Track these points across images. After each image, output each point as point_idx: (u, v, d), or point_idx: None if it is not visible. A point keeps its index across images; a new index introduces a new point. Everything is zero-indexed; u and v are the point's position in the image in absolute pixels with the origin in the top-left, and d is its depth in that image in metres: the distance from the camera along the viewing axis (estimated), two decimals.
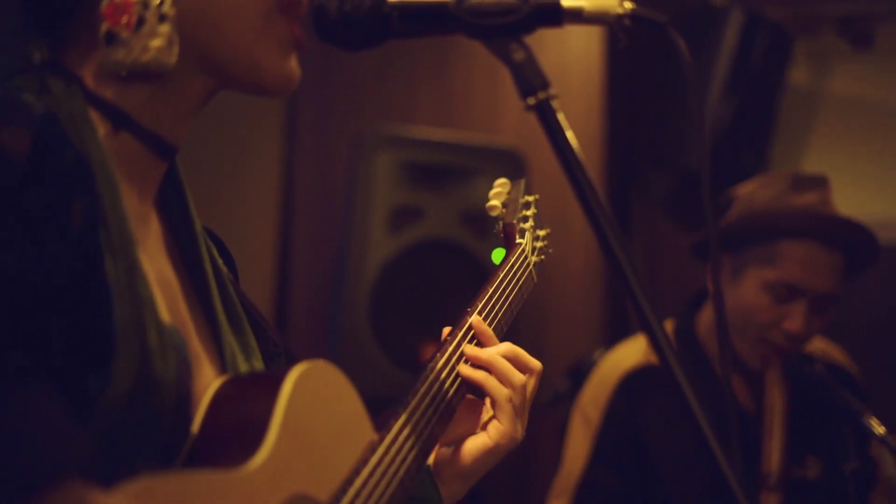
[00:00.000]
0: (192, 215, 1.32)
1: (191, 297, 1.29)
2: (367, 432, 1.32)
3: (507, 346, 1.54)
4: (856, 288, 2.80)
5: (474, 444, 1.51)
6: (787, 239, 2.63)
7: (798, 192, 2.69)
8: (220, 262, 1.37)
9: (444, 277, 3.64)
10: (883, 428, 2.55)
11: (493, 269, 1.70)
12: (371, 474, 1.29)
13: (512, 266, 1.72)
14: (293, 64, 1.27)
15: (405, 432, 1.36)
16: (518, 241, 1.81)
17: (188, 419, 1.17)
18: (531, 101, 1.25)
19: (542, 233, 1.91)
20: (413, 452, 1.36)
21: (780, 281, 2.63)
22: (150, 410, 1.10)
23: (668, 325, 2.74)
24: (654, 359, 2.67)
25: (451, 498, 1.52)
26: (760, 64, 4.24)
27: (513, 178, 2.07)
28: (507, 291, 1.66)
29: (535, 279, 1.81)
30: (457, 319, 1.57)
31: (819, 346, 2.85)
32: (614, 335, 3.84)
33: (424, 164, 3.73)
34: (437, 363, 1.48)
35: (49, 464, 0.96)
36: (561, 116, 1.26)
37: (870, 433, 2.56)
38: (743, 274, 2.68)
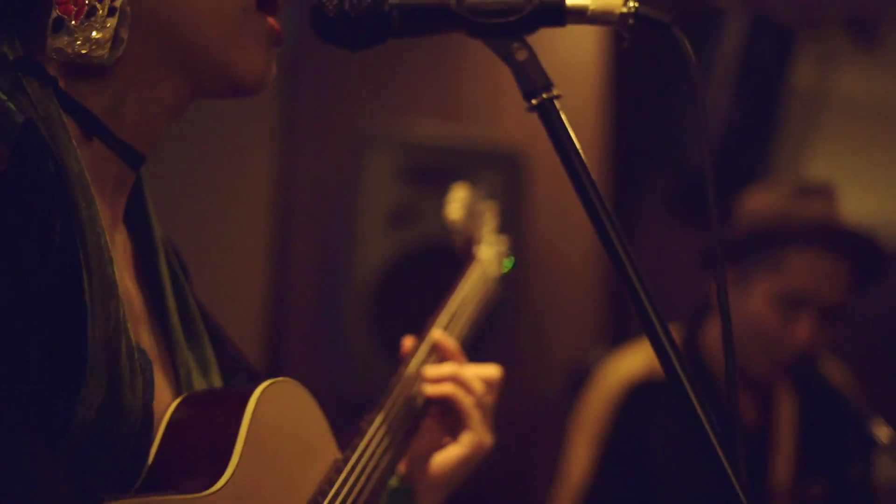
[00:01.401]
0: (153, 227, 1.28)
1: (150, 312, 1.25)
2: (332, 451, 1.30)
3: (465, 365, 1.55)
4: (864, 291, 2.76)
5: (447, 455, 1.50)
6: (794, 248, 2.59)
7: (805, 201, 2.65)
8: (180, 273, 1.32)
9: (441, 279, 3.61)
10: (888, 432, 2.52)
11: (452, 283, 1.69)
12: (336, 494, 1.27)
13: (469, 281, 1.71)
14: (269, 60, 1.22)
15: (370, 450, 1.35)
16: (476, 252, 1.80)
17: (149, 443, 1.13)
18: (534, 101, 1.23)
19: (501, 239, 1.91)
20: (378, 471, 1.35)
21: (789, 290, 2.59)
22: (116, 436, 1.06)
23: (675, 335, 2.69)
24: (657, 370, 2.63)
25: None
26: (764, 64, 4.21)
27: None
28: (468, 305, 1.66)
29: (499, 288, 1.80)
30: (419, 333, 1.56)
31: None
32: (614, 336, 3.82)
33: (422, 166, 3.72)
34: (400, 380, 1.48)
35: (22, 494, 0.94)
36: (564, 117, 1.23)
37: (874, 441, 2.54)
38: (749, 285, 2.63)
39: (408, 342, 1.57)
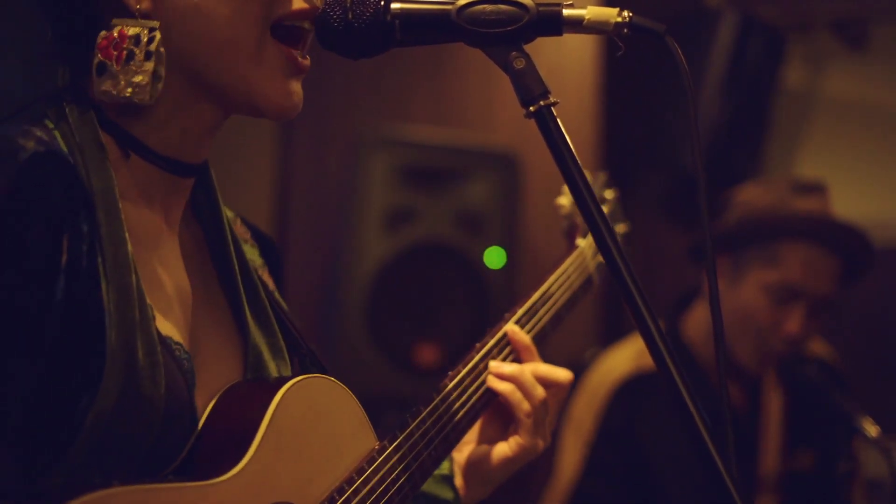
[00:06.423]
0: (222, 221, 1.35)
1: (217, 302, 1.32)
2: (369, 444, 1.32)
3: (533, 364, 1.55)
4: (851, 287, 2.82)
5: (498, 452, 1.54)
6: (789, 241, 2.66)
7: (800, 197, 2.72)
8: (256, 263, 1.40)
9: (438, 279, 3.66)
10: (876, 428, 2.57)
11: (547, 272, 1.64)
12: (366, 482, 1.28)
13: (565, 270, 1.68)
14: (292, 88, 1.28)
15: (412, 440, 1.36)
16: (578, 242, 1.76)
17: (187, 427, 1.19)
18: (531, 108, 1.27)
19: (618, 229, 1.82)
20: (422, 459, 1.37)
21: (781, 282, 2.65)
22: (138, 424, 1.13)
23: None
24: (644, 366, 2.70)
25: (473, 499, 1.56)
26: (754, 65, 4.25)
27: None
28: (556, 296, 1.63)
29: (597, 281, 1.75)
30: (494, 323, 1.55)
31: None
32: (610, 335, 3.85)
33: (419, 167, 3.74)
34: (465, 367, 1.49)
35: None
36: (560, 123, 1.27)
37: (861, 434, 2.59)
38: (743, 275, 2.70)
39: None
